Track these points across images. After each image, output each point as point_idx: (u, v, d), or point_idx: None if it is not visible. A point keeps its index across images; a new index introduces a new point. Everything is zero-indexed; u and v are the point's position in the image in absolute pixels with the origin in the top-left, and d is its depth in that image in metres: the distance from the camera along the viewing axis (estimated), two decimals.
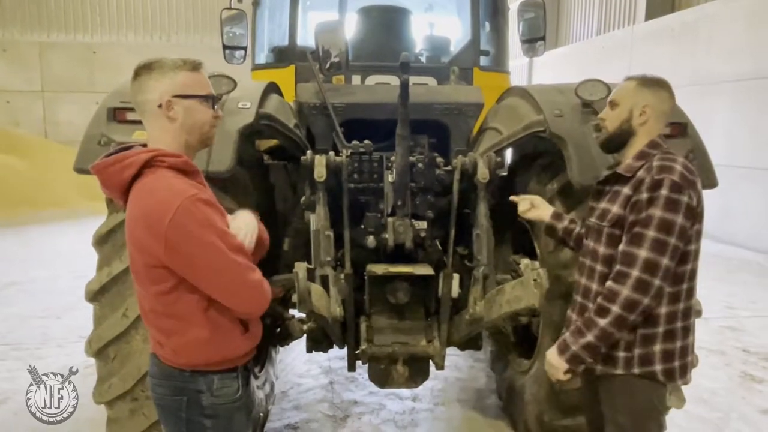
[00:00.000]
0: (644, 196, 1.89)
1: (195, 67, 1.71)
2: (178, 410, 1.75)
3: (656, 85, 2.04)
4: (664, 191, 1.86)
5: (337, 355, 4.09)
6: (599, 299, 1.93)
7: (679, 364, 1.99)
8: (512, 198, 2.61)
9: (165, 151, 1.66)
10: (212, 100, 1.76)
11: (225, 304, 1.69)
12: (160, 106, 1.66)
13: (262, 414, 3.28)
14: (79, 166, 2.56)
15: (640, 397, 2.00)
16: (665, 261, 1.85)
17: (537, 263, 2.57)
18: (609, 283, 1.92)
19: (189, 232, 1.57)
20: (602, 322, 1.90)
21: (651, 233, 1.85)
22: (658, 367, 1.97)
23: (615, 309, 1.88)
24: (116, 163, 1.64)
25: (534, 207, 2.52)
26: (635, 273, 1.86)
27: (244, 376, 1.85)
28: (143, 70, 1.67)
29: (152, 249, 1.59)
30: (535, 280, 2.40)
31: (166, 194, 1.58)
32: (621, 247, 1.93)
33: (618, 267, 1.91)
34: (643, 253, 1.86)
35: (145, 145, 1.72)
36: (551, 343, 2.84)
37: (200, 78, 1.73)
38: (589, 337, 1.93)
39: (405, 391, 3.94)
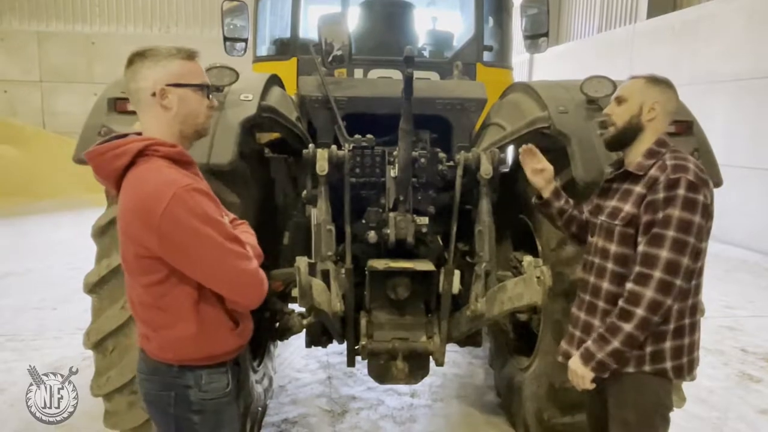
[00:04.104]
0: (660, 195, 1.88)
1: (189, 55, 1.69)
2: (167, 406, 1.72)
3: (664, 84, 2.05)
4: (681, 191, 1.85)
5: (336, 350, 4.08)
6: (621, 303, 1.91)
7: (687, 360, 1.99)
8: (535, 150, 2.43)
9: (160, 141, 1.63)
10: (207, 89, 1.72)
11: (222, 294, 1.66)
12: (153, 94, 1.64)
13: (260, 408, 3.26)
14: (78, 157, 2.53)
15: (649, 394, 1.99)
16: (685, 261, 1.85)
17: (540, 260, 2.55)
18: (630, 286, 1.90)
19: (183, 222, 1.53)
20: (628, 326, 1.88)
21: (671, 233, 1.84)
22: (668, 364, 1.96)
23: (639, 312, 1.86)
24: (109, 151, 1.61)
25: (544, 177, 2.37)
26: (657, 274, 1.85)
27: (234, 370, 1.83)
28: (137, 57, 1.65)
29: (144, 239, 1.56)
30: (538, 277, 2.38)
31: (160, 184, 1.55)
32: (640, 248, 1.90)
33: (638, 269, 1.89)
34: (663, 253, 1.84)
35: (140, 134, 1.69)
36: (552, 340, 2.85)
37: (195, 67, 1.70)
38: (615, 344, 1.90)
39: (403, 387, 3.93)
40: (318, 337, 3.07)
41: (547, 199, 2.38)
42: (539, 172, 2.38)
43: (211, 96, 1.75)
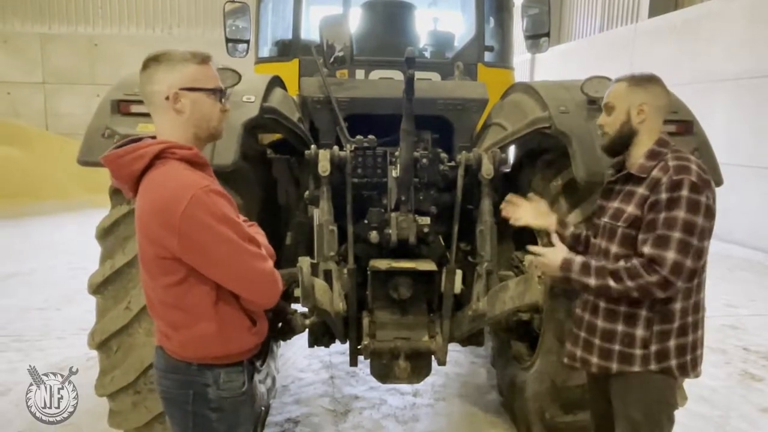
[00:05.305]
0: (664, 196, 1.89)
1: (203, 60, 1.71)
2: (185, 403, 1.75)
3: (647, 81, 2.04)
4: (684, 192, 1.86)
5: (338, 350, 4.09)
6: (622, 268, 1.93)
7: (691, 357, 2.01)
8: (514, 199, 2.53)
9: (177, 143, 1.66)
10: (220, 93, 1.75)
11: (238, 294, 1.69)
12: (167, 98, 1.66)
13: (263, 408, 3.28)
14: (83, 159, 2.55)
15: (654, 392, 2.01)
16: (689, 262, 1.86)
17: None
18: (638, 268, 1.91)
19: (202, 223, 1.57)
20: (613, 285, 1.92)
21: (676, 235, 1.86)
22: (673, 362, 1.98)
23: (630, 285, 1.90)
24: (127, 154, 1.64)
25: (539, 211, 2.44)
26: (663, 274, 1.86)
27: (249, 370, 1.86)
28: (152, 62, 1.67)
29: (164, 240, 1.59)
30: (539, 276, 2.39)
31: (179, 186, 1.58)
32: (645, 249, 1.91)
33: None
34: (670, 255, 1.86)
35: (154, 137, 1.71)
36: (554, 340, 2.86)
37: (208, 71, 1.72)
38: (594, 282, 1.96)
39: (406, 387, 3.94)
40: (320, 336, 3.09)
41: (556, 233, 2.38)
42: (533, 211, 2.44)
43: (224, 100, 1.77)
